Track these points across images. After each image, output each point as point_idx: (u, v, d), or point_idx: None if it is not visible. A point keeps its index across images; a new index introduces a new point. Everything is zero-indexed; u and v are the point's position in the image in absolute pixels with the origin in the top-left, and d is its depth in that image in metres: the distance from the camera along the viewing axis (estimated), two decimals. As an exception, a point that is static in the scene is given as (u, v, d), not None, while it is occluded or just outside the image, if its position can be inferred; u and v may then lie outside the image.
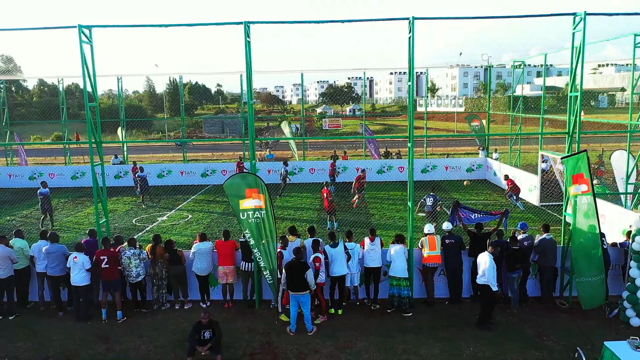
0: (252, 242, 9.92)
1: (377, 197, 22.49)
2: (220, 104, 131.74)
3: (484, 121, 28.57)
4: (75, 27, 10.13)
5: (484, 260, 9.44)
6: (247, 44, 10.28)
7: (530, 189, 20.88)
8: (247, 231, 9.94)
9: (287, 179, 22.39)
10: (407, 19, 10.12)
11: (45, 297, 11.17)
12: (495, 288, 9.41)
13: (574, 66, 10.88)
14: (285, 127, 30.16)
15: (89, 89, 10.61)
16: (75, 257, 10.30)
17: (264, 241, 9.97)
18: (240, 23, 10.17)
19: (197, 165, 28.72)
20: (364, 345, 9.41)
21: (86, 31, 10.37)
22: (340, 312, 10.65)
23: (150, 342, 9.71)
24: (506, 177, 20.03)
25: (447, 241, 10.80)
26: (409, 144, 10.80)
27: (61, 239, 16.06)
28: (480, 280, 9.55)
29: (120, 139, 31.09)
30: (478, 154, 28.31)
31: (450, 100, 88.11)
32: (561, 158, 10.76)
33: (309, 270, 9.64)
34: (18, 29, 11.04)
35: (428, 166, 26.60)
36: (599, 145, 36.97)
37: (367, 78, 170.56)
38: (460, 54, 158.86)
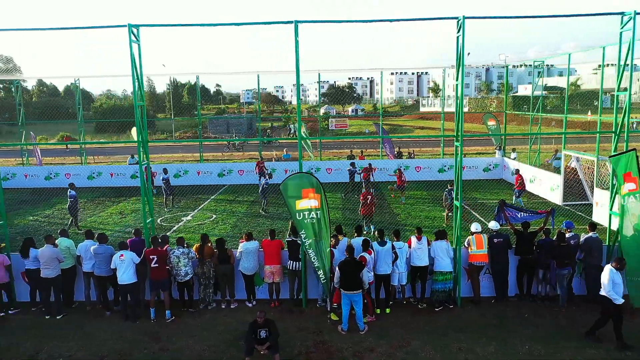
0: (307, 242, 9.92)
1: (398, 196, 22.51)
2: (219, 104, 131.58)
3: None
4: (125, 26, 10.13)
5: (604, 273, 9.14)
6: (297, 43, 10.28)
7: (552, 189, 20.94)
8: (302, 231, 9.94)
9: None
10: (457, 18, 10.15)
11: (91, 296, 11.15)
12: (618, 302, 9.01)
13: (621, 65, 10.89)
14: (302, 128, 30.06)
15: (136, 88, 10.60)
16: (122, 255, 10.30)
17: (312, 240, 9.96)
18: (290, 22, 10.18)
19: (213, 165, 28.71)
20: (418, 344, 9.42)
21: (134, 30, 10.36)
22: (388, 311, 10.67)
23: (203, 341, 9.71)
24: (517, 172, 19.92)
25: (495, 240, 10.84)
26: (456, 143, 10.82)
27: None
28: (601, 292, 9.27)
29: (135, 139, 30.97)
30: (494, 153, 28.37)
31: (454, 100, 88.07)
32: (609, 157, 10.79)
33: (365, 269, 9.67)
34: (72, 27, 10.96)
35: (445, 166, 26.66)
36: (609, 144, 37.13)
37: (367, 78, 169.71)
38: (469, 53, 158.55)
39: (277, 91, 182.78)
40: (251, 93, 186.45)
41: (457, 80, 10.78)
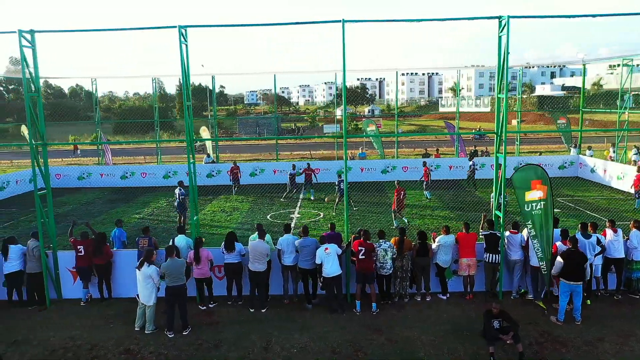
0: (532, 233, 10.08)
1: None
2: (225, 106, 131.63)
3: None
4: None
5: None
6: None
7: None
8: (529, 222, 10.10)
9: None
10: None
11: (289, 290, 11.22)
12: None
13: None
14: (369, 126, 30.32)
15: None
16: (327, 249, 10.40)
17: (537, 231, 10.11)
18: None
19: (289, 163, 28.72)
20: (647, 333, 9.57)
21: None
22: (589, 302, 10.80)
23: (426, 333, 9.77)
24: None
25: (688, 231, 11.00)
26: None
27: (208, 237, 16.14)
28: None
29: (204, 138, 31.11)
30: (568, 151, 28.63)
31: (474, 100, 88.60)
32: None
33: (588, 261, 9.80)
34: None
35: (520, 164, 26.74)
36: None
37: (376, 79, 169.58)
38: (509, 53, 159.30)
39: (283, 92, 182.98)
40: (255, 94, 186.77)
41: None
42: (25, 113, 10.56)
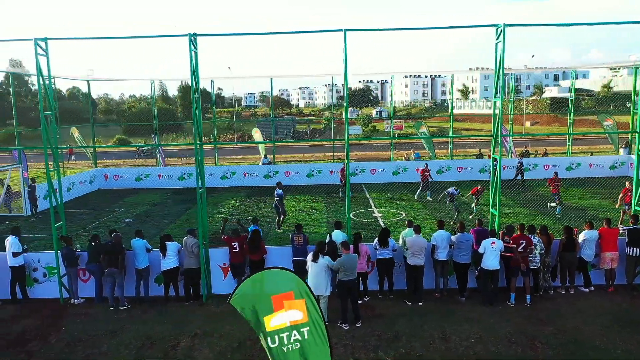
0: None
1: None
2: (222, 108, 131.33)
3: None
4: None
5: None
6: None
7: None
8: None
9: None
10: None
11: (439, 284, 11.59)
12: None
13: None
14: (420, 128, 30.76)
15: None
16: (493, 242, 10.79)
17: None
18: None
19: (340, 164, 29.07)
20: None
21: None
22: None
23: (590, 323, 10.14)
24: None
25: None
26: None
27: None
28: None
29: (258, 140, 31.36)
30: (617, 151, 29.24)
31: (484, 103, 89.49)
32: None
33: None
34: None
35: (572, 164, 27.43)
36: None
37: (378, 81, 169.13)
38: (533, 56, 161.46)
39: (282, 94, 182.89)
40: (253, 96, 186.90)
41: None
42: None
